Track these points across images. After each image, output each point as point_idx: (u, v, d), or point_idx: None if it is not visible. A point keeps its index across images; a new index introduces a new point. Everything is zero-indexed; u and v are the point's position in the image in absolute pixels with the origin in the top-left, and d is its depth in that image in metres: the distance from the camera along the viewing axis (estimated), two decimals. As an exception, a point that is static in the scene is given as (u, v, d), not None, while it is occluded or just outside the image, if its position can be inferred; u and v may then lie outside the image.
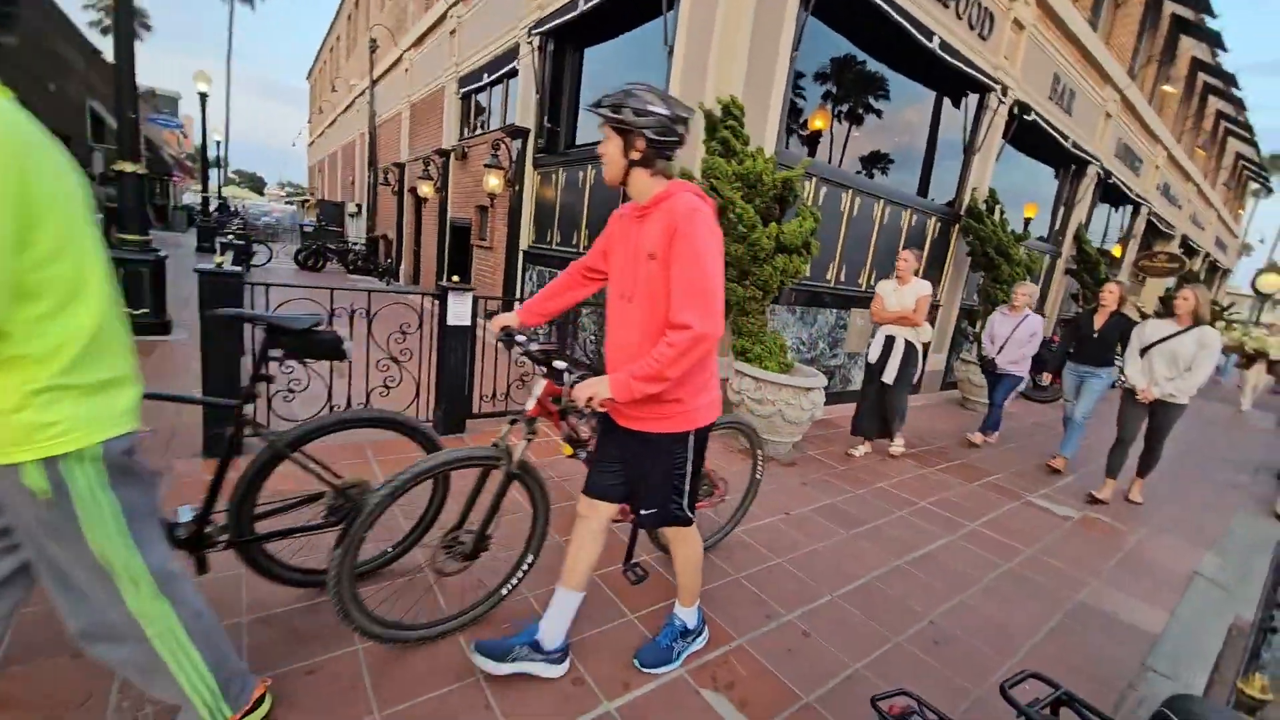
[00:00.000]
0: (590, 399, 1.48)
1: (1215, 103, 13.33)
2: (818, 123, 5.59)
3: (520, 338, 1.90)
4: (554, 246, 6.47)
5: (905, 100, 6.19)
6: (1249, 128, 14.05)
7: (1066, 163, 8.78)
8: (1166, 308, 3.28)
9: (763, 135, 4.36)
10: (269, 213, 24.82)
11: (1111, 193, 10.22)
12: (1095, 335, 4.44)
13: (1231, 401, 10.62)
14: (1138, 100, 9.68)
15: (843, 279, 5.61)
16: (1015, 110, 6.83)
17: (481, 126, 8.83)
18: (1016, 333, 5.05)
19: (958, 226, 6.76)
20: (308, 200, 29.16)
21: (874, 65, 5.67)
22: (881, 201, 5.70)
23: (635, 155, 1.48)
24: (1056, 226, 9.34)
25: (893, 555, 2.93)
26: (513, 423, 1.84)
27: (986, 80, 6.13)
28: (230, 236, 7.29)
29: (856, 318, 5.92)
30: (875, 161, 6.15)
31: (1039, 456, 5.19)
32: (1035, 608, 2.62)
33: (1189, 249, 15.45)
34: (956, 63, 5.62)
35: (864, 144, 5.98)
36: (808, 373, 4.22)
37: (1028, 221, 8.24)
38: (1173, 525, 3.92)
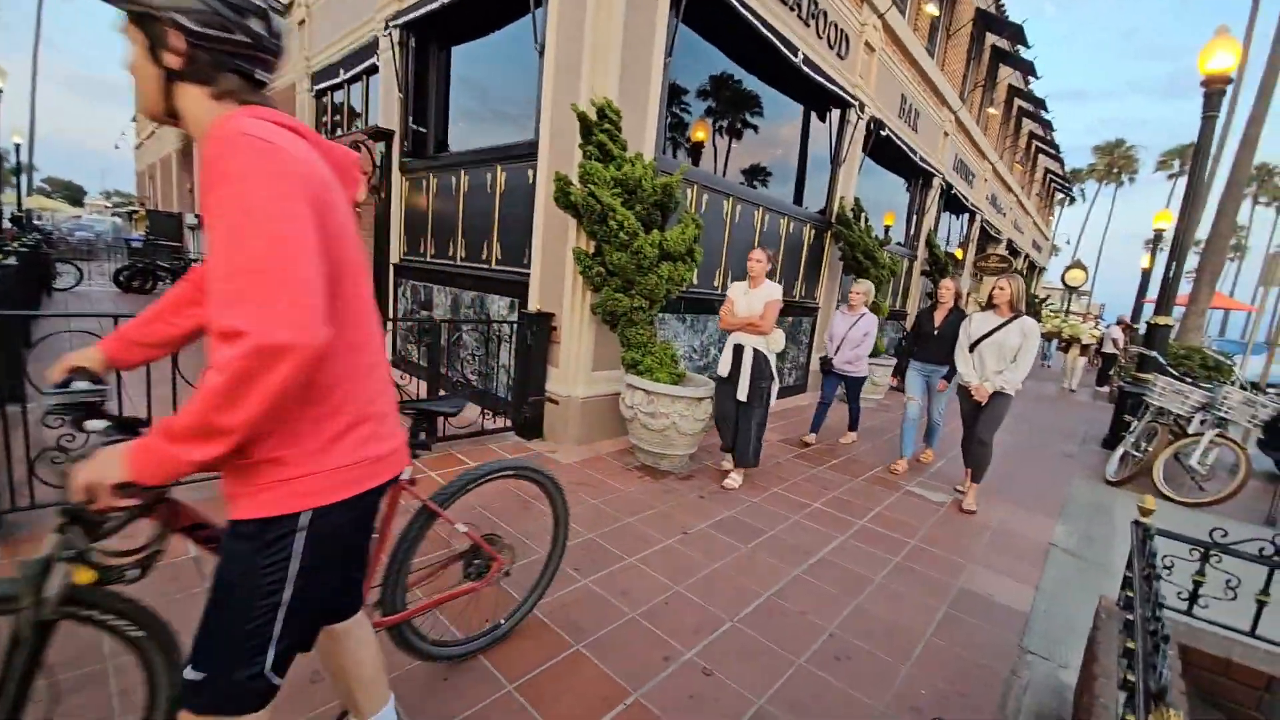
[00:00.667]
0: (92, 490, 0.86)
1: (1029, 125, 15.56)
2: (699, 134, 5.64)
3: (81, 385, 1.12)
4: (429, 259, 5.94)
5: (779, 115, 6.45)
6: (1056, 146, 16.55)
7: (916, 175, 9.71)
8: (989, 302, 3.49)
9: (642, 141, 4.25)
10: (86, 227, 21.05)
11: (952, 202, 11.50)
12: (935, 333, 4.48)
13: (1059, 382, 12.33)
14: (968, 121, 10.99)
15: (729, 285, 5.66)
16: (872, 126, 7.40)
17: (340, 128, 8.00)
18: (851, 332, 5.05)
19: (830, 233, 7.16)
20: (137, 212, 25.22)
21: (749, 81, 5.83)
22: (761, 209, 5.86)
23: (173, 62, 0.91)
24: (911, 232, 10.30)
25: (791, 564, 2.87)
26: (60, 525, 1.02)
27: (846, 97, 6.56)
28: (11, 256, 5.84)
29: (744, 323, 6.02)
30: (755, 174, 6.32)
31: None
32: (924, 600, 2.67)
33: (1013, 250, 17.89)
34: (819, 79, 5.93)
35: (743, 156, 6.13)
36: (700, 382, 4.14)
37: (888, 229, 8.98)
38: (1025, 498, 4.31)
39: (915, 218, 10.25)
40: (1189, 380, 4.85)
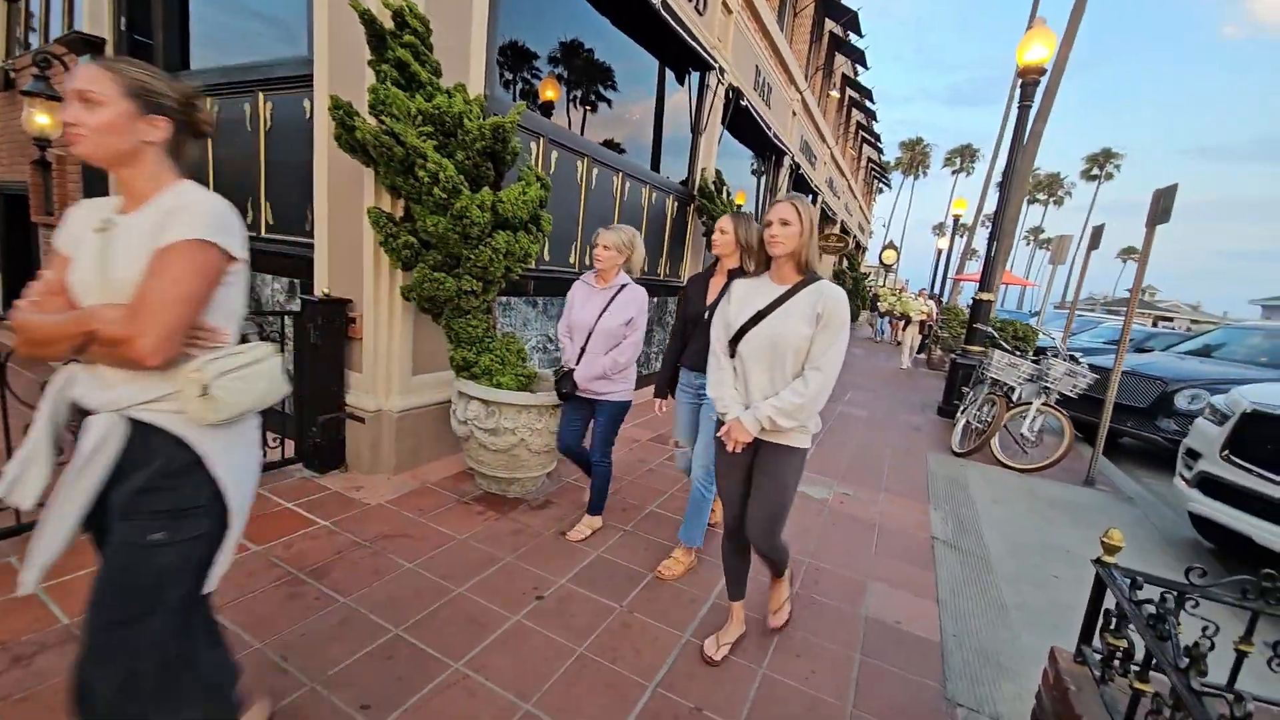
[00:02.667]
0: None
1: (857, 114, 16.73)
2: (548, 93, 4.71)
3: None
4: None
5: (638, 76, 5.70)
6: (877, 136, 18.09)
7: (770, 152, 9.69)
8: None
9: (465, 70, 3.21)
10: None
11: (799, 184, 11.84)
12: (708, 316, 2.44)
13: (895, 359, 13.50)
14: (812, 103, 11.28)
15: (589, 262, 4.86)
16: (730, 94, 6.99)
17: (33, 38, 5.63)
18: (604, 319, 2.63)
19: (693, 206, 6.67)
20: None
21: (603, 30, 4.96)
22: (620, 175, 5.10)
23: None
24: (764, 209, 10.35)
25: (678, 624, 2.21)
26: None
27: (706, 56, 6.01)
28: None
29: (606, 305, 5.27)
30: (613, 139, 5.54)
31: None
32: (837, 650, 2.17)
33: (844, 230, 19.49)
34: (678, 29, 5.28)
35: (602, 124, 5.30)
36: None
37: (739, 208, 8.82)
38: (894, 483, 4.18)
39: (769, 195, 10.30)
40: (1019, 352, 5.14)
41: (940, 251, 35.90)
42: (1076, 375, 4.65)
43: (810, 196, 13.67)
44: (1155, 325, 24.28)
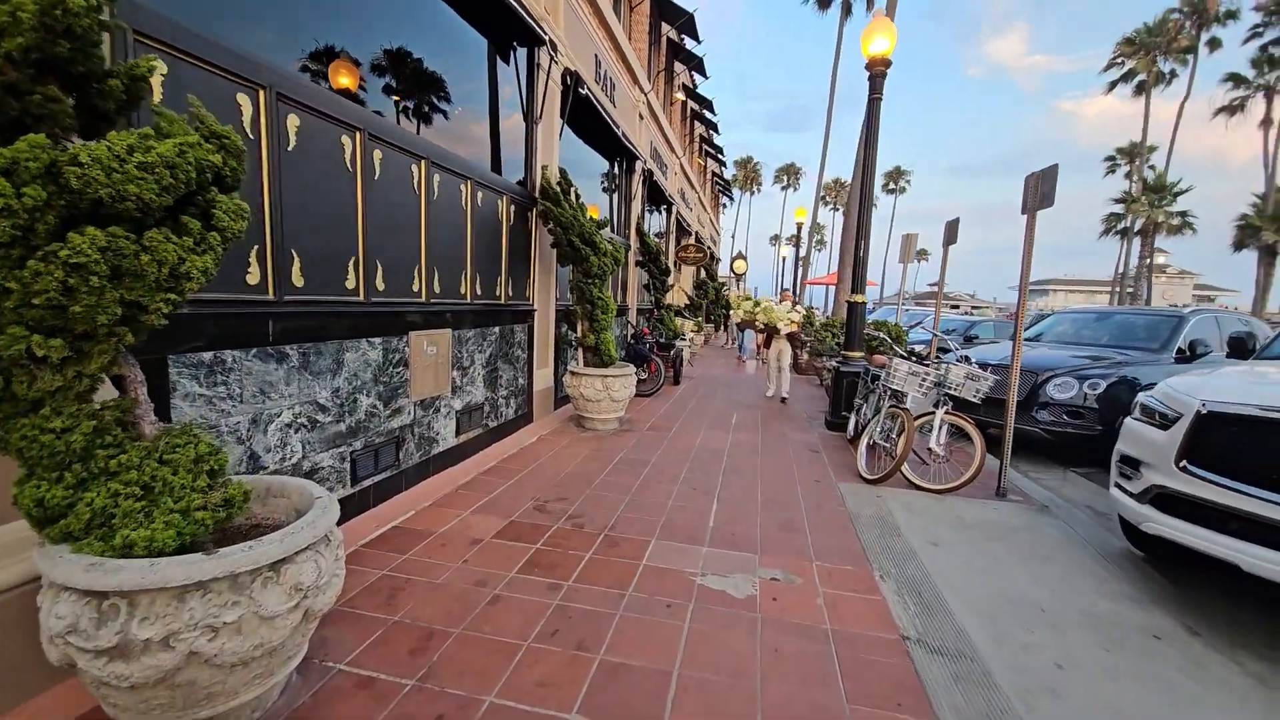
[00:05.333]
0: None
1: (699, 127, 16.77)
2: (342, 79, 3.22)
3: None
4: None
5: (453, 47, 4.31)
6: (720, 149, 18.39)
7: (621, 154, 8.78)
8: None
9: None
10: None
11: (653, 191, 11.17)
12: None
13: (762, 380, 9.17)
14: (658, 108, 10.69)
15: (381, 286, 3.34)
16: (568, 80, 5.89)
17: None
18: None
19: (536, 212, 5.40)
20: None
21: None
22: (423, 163, 3.66)
23: None
24: (621, 220, 9.43)
25: None
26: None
27: (534, 26, 4.81)
28: None
29: (423, 342, 3.77)
30: (431, 126, 4.07)
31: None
32: None
33: (699, 241, 19.59)
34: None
35: (417, 110, 3.81)
36: (296, 523, 1.82)
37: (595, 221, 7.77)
38: (821, 543, 3.25)
39: (624, 204, 9.40)
40: (916, 358, 4.61)
41: (785, 259, 38.87)
42: (980, 379, 4.16)
43: (665, 206, 13.14)
44: (969, 315, 27.92)
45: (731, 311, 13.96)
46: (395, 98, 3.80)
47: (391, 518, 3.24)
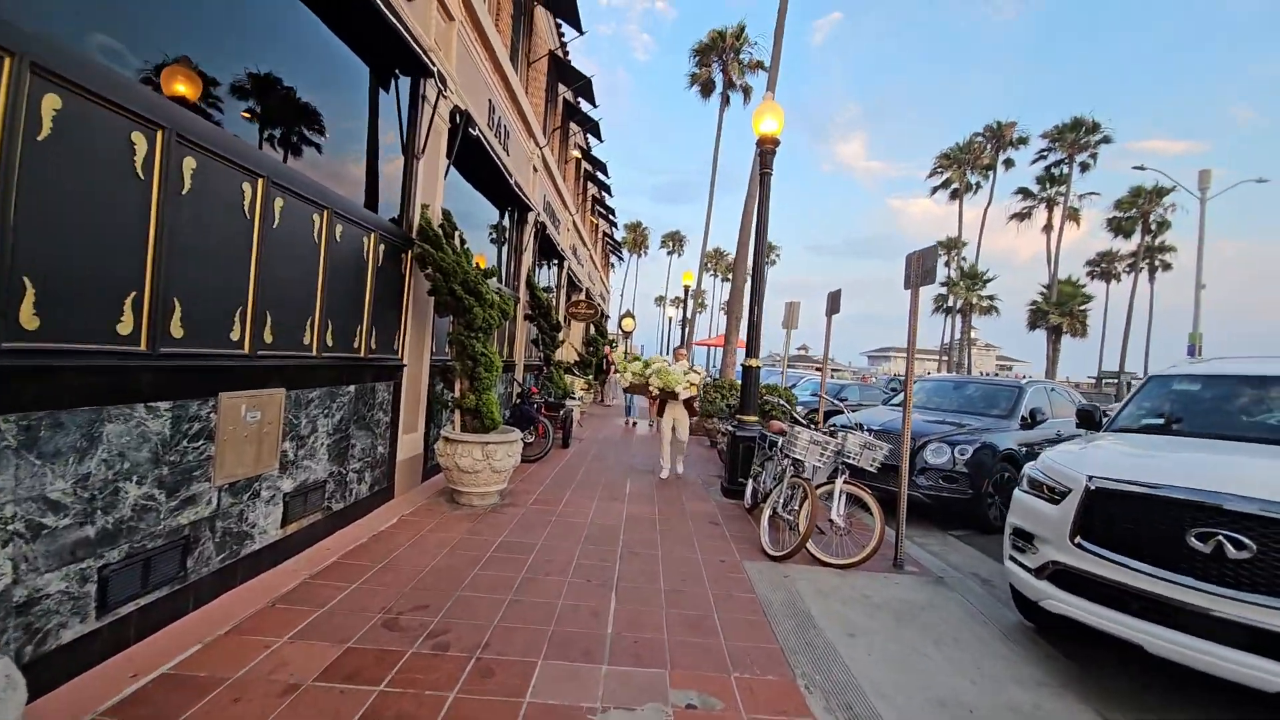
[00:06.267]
0: None
1: (592, 188, 17.02)
2: (179, 87, 2.46)
3: None
4: None
5: (327, 70, 3.66)
6: (612, 210, 18.78)
7: (512, 203, 8.37)
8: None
9: None
10: None
11: (545, 244, 10.85)
12: None
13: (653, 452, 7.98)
14: (552, 163, 10.55)
15: (179, 333, 2.50)
16: (458, 118, 5.44)
17: None
18: None
19: (411, 255, 4.74)
20: None
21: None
22: (262, 182, 2.93)
23: None
24: (511, 271, 8.92)
25: None
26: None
27: (419, 53, 4.34)
28: None
29: (241, 406, 2.90)
30: (294, 152, 3.32)
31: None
32: None
33: (590, 297, 19.53)
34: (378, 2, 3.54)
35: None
36: None
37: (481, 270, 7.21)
38: (737, 647, 2.83)
39: (514, 255, 8.92)
40: (817, 427, 4.53)
41: (671, 319, 40.37)
42: (876, 448, 4.14)
43: (556, 260, 12.86)
44: (828, 379, 30.44)
45: (616, 374, 12.01)
46: (245, 114, 3.06)
47: (161, 659, 2.27)
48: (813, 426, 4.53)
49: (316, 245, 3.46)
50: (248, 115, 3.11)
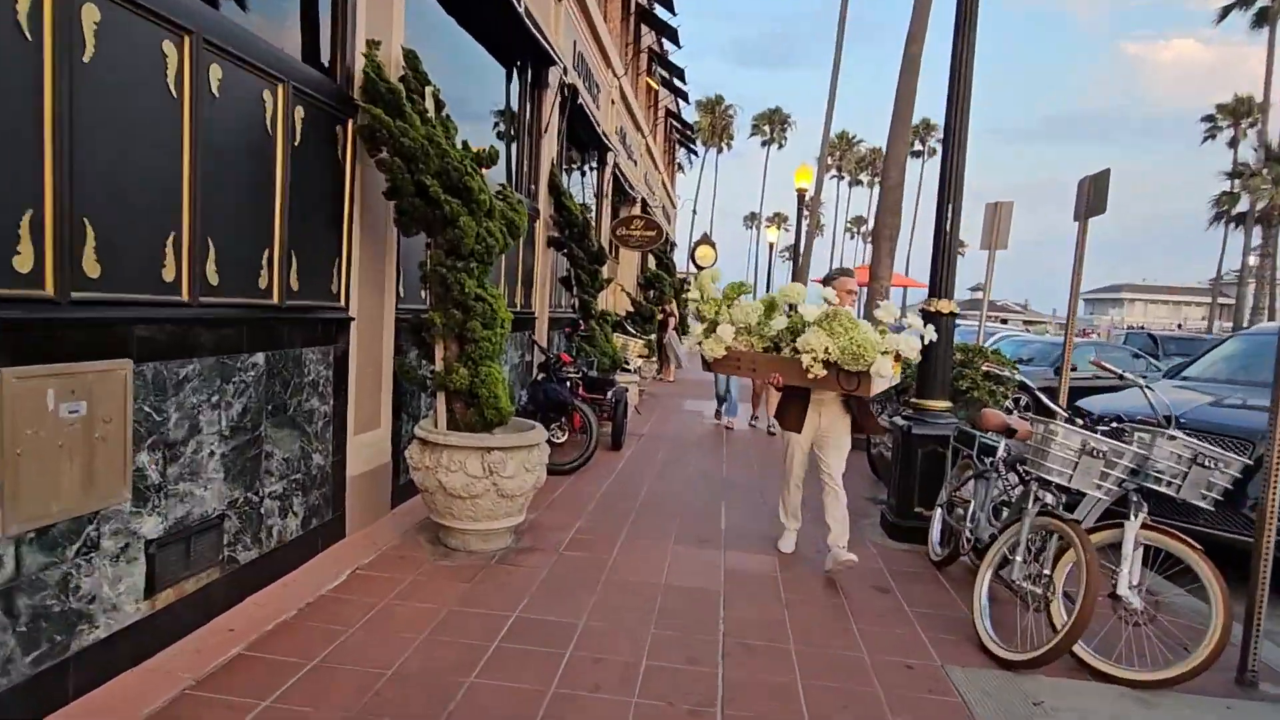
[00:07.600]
0: None
1: (646, 33, 16.37)
2: None
3: None
4: None
5: None
6: (680, 71, 18.41)
7: (524, 53, 8.00)
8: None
9: None
10: None
11: (579, 124, 10.44)
12: None
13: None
14: (628, 88, 10.14)
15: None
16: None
17: None
18: None
19: (353, 124, 4.25)
20: None
21: None
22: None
23: None
24: (526, 169, 8.48)
25: None
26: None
27: None
28: None
29: (44, 391, 2.44)
30: None
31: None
32: None
33: (648, 212, 19.30)
34: None
35: None
36: None
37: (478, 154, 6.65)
38: None
39: (531, 141, 8.67)
40: (1081, 420, 3.74)
41: (772, 246, 39.33)
42: (1215, 463, 3.34)
43: (595, 154, 12.45)
44: (1028, 330, 28.76)
45: (677, 333, 10.94)
46: None
47: None
48: (1069, 420, 3.76)
49: (175, 100, 2.92)
50: None
